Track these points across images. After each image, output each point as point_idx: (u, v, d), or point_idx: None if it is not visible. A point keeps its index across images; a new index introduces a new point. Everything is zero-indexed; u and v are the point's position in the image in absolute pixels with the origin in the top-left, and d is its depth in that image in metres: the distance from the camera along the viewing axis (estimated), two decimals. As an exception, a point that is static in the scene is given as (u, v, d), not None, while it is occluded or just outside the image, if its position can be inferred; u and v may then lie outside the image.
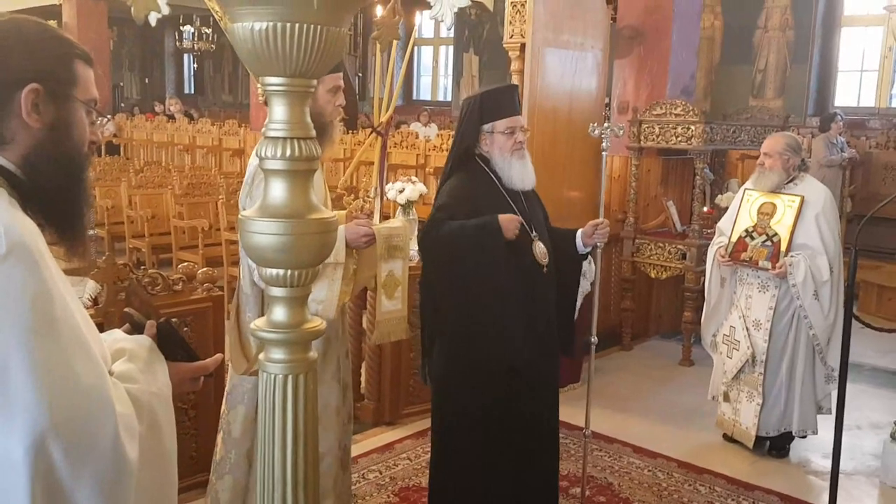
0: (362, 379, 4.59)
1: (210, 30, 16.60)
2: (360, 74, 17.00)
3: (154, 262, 8.00)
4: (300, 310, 1.14)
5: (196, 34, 16.73)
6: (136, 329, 1.54)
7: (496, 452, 2.99)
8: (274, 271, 1.11)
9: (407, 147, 9.52)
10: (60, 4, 13.14)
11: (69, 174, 1.35)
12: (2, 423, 1.14)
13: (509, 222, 2.86)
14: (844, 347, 2.57)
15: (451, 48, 16.43)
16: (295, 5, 0.98)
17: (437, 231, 2.89)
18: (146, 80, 21.73)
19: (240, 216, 1.14)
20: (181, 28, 17.27)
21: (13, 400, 1.14)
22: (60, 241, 1.33)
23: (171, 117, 14.62)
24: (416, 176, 7.40)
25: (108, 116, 1.98)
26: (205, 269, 3.94)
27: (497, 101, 2.99)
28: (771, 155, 4.26)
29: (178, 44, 18.22)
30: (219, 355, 1.57)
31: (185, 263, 4.44)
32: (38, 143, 1.31)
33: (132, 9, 3.48)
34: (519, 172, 2.99)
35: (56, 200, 1.33)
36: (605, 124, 3.40)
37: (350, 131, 10.48)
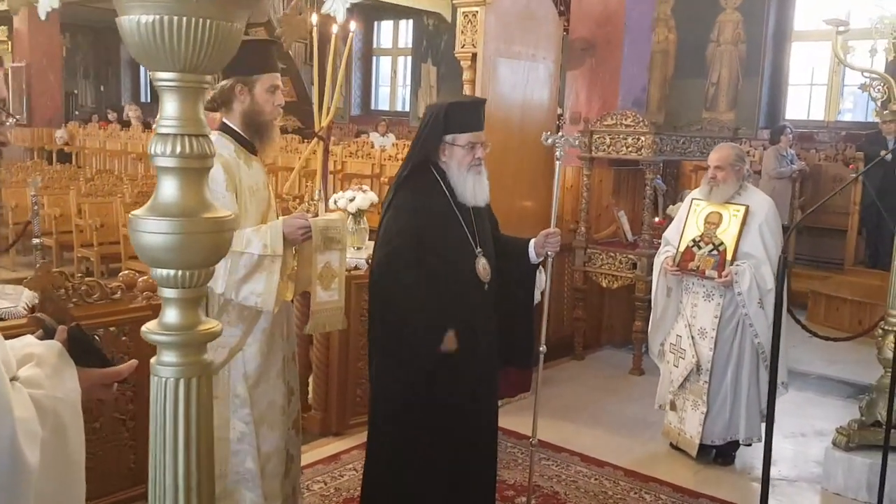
0: (310, 389, 4.54)
1: (167, 38, 16.32)
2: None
3: (104, 271, 7.86)
4: (193, 311, 1.12)
5: (152, 42, 16.46)
6: (49, 334, 1.53)
7: (433, 463, 2.96)
8: (165, 272, 1.08)
9: (362, 157, 9.46)
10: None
11: None
12: None
13: None
14: (774, 348, 2.60)
15: (409, 58, 16.44)
16: (179, -2, 0.96)
17: (396, 280, 2.84)
18: (101, 88, 21.44)
19: (130, 214, 1.12)
20: (137, 35, 16.93)
21: None
22: None
23: (127, 124, 14.42)
24: (371, 185, 7.37)
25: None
26: (145, 277, 3.86)
27: (463, 114, 2.93)
28: (723, 168, 4.30)
29: (134, 52, 17.92)
30: (133, 361, 1.54)
31: (126, 272, 4.34)
32: None
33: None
34: (472, 188, 2.96)
35: None
36: (559, 133, 3.38)
37: (305, 140, 10.40)
